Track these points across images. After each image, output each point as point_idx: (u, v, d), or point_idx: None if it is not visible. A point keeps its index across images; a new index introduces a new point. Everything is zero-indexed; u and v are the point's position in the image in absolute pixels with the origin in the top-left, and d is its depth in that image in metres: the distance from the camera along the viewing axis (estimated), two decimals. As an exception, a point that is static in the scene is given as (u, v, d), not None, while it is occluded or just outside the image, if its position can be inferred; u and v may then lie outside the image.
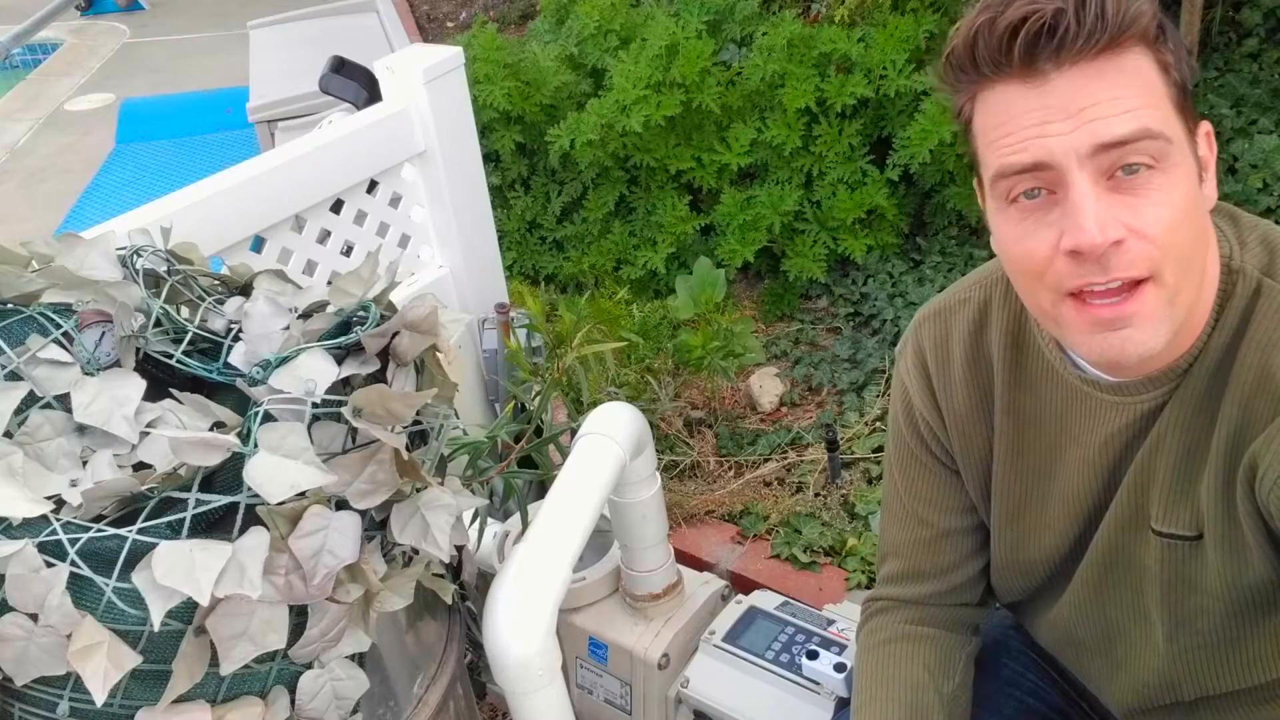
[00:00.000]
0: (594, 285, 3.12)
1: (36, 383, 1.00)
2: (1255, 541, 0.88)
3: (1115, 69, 0.79)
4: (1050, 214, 0.82)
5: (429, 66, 1.87)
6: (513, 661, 1.22)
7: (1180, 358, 0.90)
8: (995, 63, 0.81)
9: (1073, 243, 0.80)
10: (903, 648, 1.15)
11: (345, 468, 0.97)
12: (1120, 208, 0.80)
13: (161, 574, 0.86)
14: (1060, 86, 0.80)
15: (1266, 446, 0.84)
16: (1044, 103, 0.80)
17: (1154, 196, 0.80)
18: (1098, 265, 0.81)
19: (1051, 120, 0.80)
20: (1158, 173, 0.80)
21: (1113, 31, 0.78)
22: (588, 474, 1.40)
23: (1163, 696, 1.03)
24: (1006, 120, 0.82)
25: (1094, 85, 0.79)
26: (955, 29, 0.84)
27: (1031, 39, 0.79)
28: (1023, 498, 1.07)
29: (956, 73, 0.85)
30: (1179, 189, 0.81)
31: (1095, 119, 0.79)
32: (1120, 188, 0.80)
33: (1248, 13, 3.07)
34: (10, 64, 6.42)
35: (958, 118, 0.89)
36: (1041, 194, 0.83)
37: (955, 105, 0.89)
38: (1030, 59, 0.80)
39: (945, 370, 1.08)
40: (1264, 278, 0.88)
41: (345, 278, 1.17)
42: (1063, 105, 0.80)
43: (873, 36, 2.86)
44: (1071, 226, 0.80)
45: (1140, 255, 0.80)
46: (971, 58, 0.83)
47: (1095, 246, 0.79)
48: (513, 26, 5.12)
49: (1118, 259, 0.80)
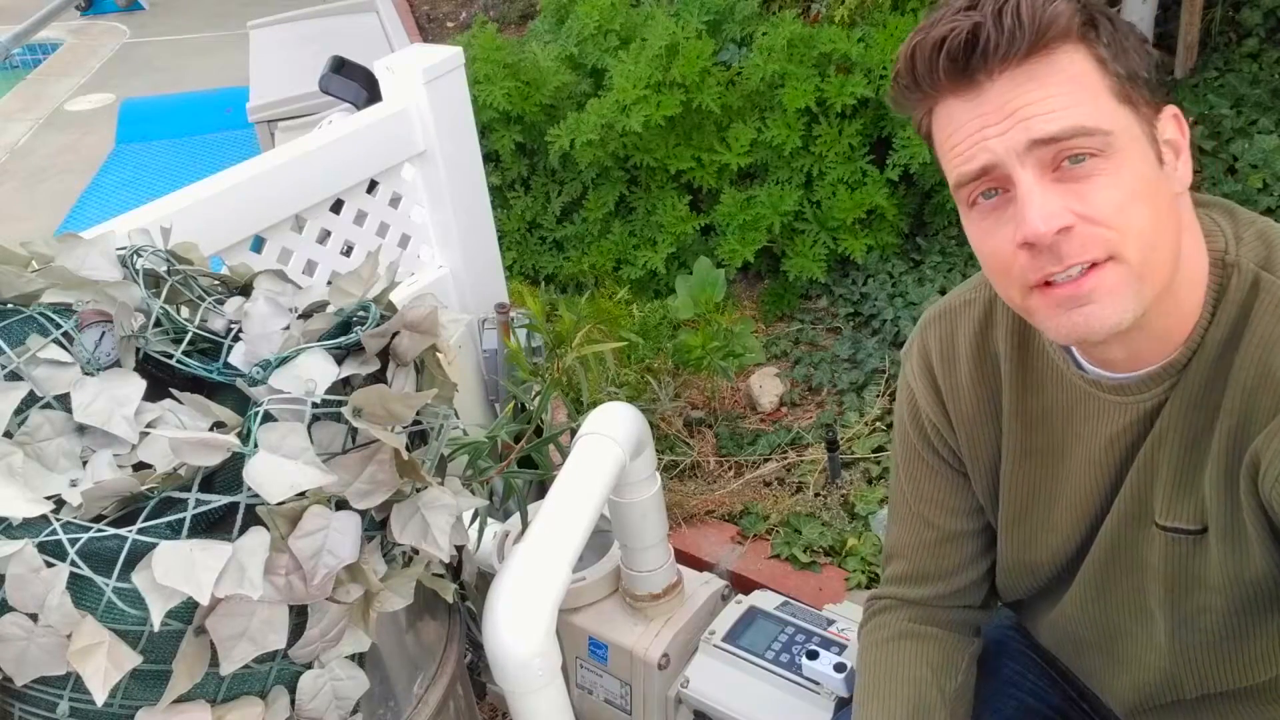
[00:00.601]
0: (594, 285, 3.12)
1: (36, 383, 1.00)
2: (1257, 536, 0.88)
3: (1046, 69, 0.82)
4: (1006, 211, 0.85)
5: (429, 66, 1.87)
6: (513, 661, 1.22)
7: (1177, 353, 0.90)
8: (933, 79, 0.85)
9: (1021, 235, 0.83)
10: (907, 645, 1.15)
11: (345, 468, 0.97)
12: (1067, 195, 0.82)
13: (161, 574, 0.86)
14: (993, 94, 0.83)
15: (1268, 443, 0.84)
16: (980, 110, 0.84)
17: (1099, 181, 0.82)
18: (1051, 255, 0.83)
19: (988, 125, 0.83)
20: (1102, 159, 0.82)
21: (1032, 36, 0.81)
22: (588, 474, 1.40)
23: (1165, 694, 1.03)
24: (953, 133, 0.87)
25: (1026, 87, 0.82)
26: (897, 53, 0.89)
27: (956, 53, 0.83)
28: (1030, 498, 1.07)
29: (904, 93, 0.90)
30: (1127, 172, 0.83)
31: (1028, 117, 0.82)
32: (1066, 177, 0.83)
33: (1248, 13, 3.07)
34: (10, 64, 6.42)
35: (919, 133, 0.93)
36: (997, 194, 0.86)
37: (915, 122, 0.93)
38: (961, 72, 0.84)
39: (951, 372, 1.08)
40: (1262, 272, 0.88)
41: (345, 278, 1.17)
42: (997, 110, 0.83)
43: (873, 36, 2.86)
44: (1019, 220, 0.83)
45: (1091, 239, 0.82)
46: (912, 78, 0.87)
47: (1041, 236, 0.82)
48: (513, 26, 5.12)
49: (1068, 245, 0.82)
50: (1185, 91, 3.02)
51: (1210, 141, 2.86)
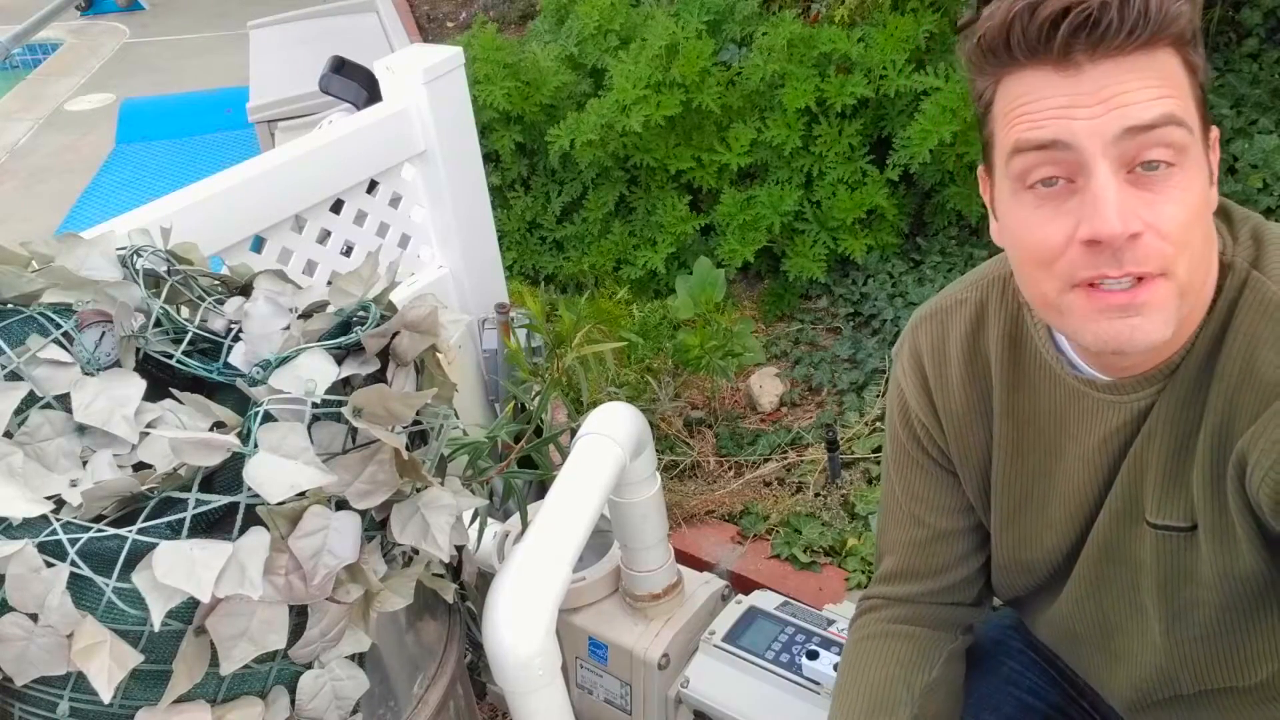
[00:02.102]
0: (594, 285, 3.12)
1: (36, 383, 1.00)
2: (1245, 534, 0.88)
3: (1146, 63, 0.80)
4: (1068, 202, 0.82)
5: (429, 66, 1.87)
6: (513, 661, 1.22)
7: (1174, 355, 0.90)
8: (1031, 50, 0.81)
9: (1091, 231, 0.80)
10: (880, 644, 1.16)
11: (345, 468, 0.97)
12: (1138, 202, 0.80)
13: (161, 574, 0.86)
14: (1092, 76, 0.80)
15: (1254, 441, 0.85)
16: (1074, 89, 0.80)
17: (1172, 194, 0.80)
18: (1113, 257, 0.80)
19: (1079, 105, 0.80)
20: (1177, 170, 0.81)
21: (1153, 29, 0.78)
22: (588, 474, 1.40)
23: (1162, 690, 1.03)
24: (1031, 100, 0.82)
25: (1125, 79, 0.79)
26: (988, 11, 0.83)
27: (1073, 30, 0.78)
28: (1023, 498, 1.07)
29: (987, 55, 0.84)
30: (1194, 189, 0.82)
31: (1124, 105, 0.79)
32: (1139, 183, 0.80)
33: (1248, 13, 3.07)
34: (10, 64, 6.42)
35: (977, 101, 0.89)
36: (1060, 182, 0.82)
37: (977, 89, 0.88)
38: (1067, 49, 0.79)
39: (942, 372, 1.08)
40: (1251, 270, 0.88)
41: (345, 278, 1.17)
42: (1092, 93, 0.79)
43: (873, 36, 2.86)
44: (1091, 215, 0.80)
45: (1154, 251, 0.80)
46: (1006, 42, 0.82)
47: (1115, 236, 0.79)
48: (513, 26, 5.12)
49: (1133, 253, 0.80)
50: (1185, 91, 3.02)
51: (1210, 141, 2.86)
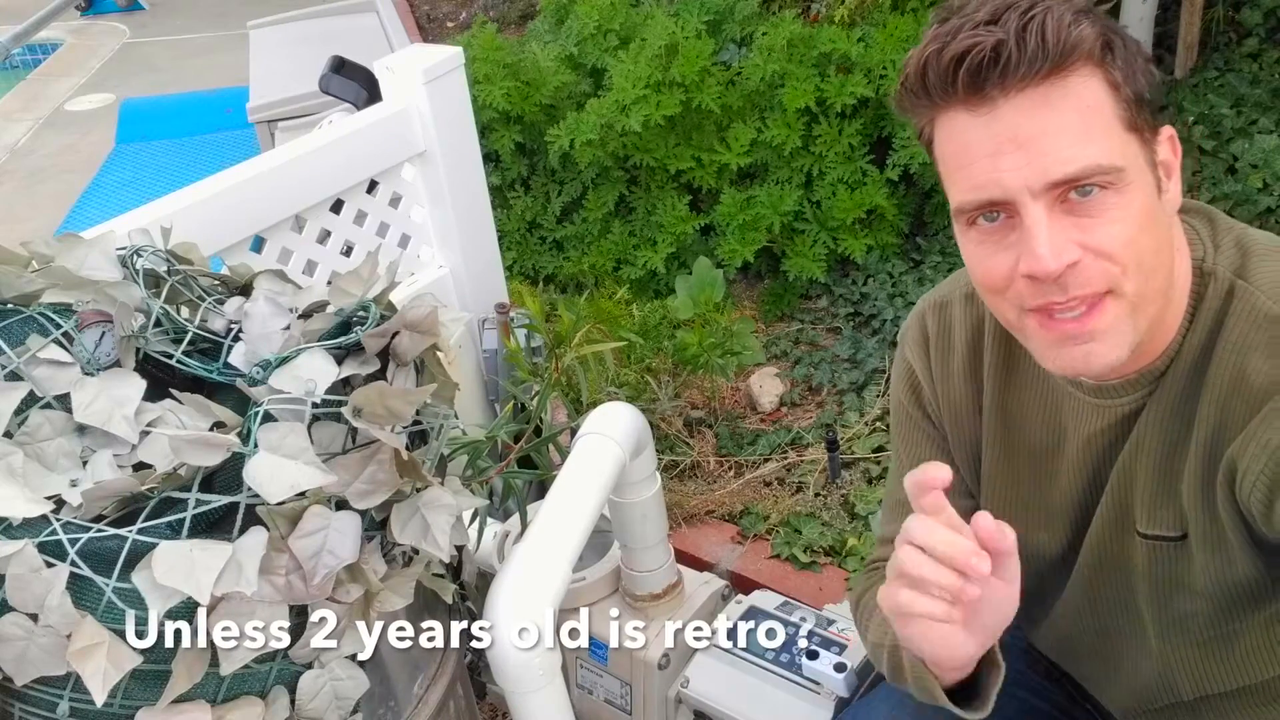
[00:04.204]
0: (594, 285, 3.12)
1: (36, 383, 1.00)
2: (1237, 541, 0.89)
3: (1061, 94, 0.80)
4: (1008, 237, 0.84)
5: (429, 66, 1.87)
6: (513, 661, 1.22)
7: (1157, 360, 0.91)
8: (946, 91, 0.83)
9: (1027, 269, 0.82)
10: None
11: (345, 468, 0.97)
12: (1074, 229, 0.81)
13: (161, 574, 0.86)
14: (1008, 114, 0.81)
15: (1244, 448, 0.85)
16: (993, 131, 0.82)
17: (1109, 215, 0.81)
18: (1056, 286, 0.82)
19: (1003, 152, 0.81)
20: (1111, 193, 0.81)
21: (1055, 59, 0.79)
22: (587, 474, 1.40)
23: (1161, 697, 1.04)
24: (961, 152, 0.85)
25: (1042, 114, 0.80)
26: (907, 58, 0.87)
27: (975, 69, 0.80)
28: (1012, 497, 1.07)
29: (911, 98, 0.87)
30: (1134, 205, 0.82)
31: (1045, 154, 0.80)
32: (1075, 210, 0.81)
33: (1248, 13, 3.07)
34: (10, 64, 6.42)
35: (920, 139, 0.92)
36: (1000, 217, 0.84)
37: (917, 128, 0.91)
38: (977, 88, 0.81)
39: (946, 360, 1.08)
40: (1237, 279, 0.88)
41: (345, 278, 1.17)
42: (1012, 135, 0.81)
43: (873, 36, 2.86)
44: (1026, 253, 0.82)
45: (1097, 273, 0.82)
46: (923, 85, 0.85)
47: (1049, 273, 0.81)
48: (513, 26, 5.12)
49: (1074, 278, 0.82)
50: (1185, 91, 3.02)
51: (1210, 141, 2.86)
